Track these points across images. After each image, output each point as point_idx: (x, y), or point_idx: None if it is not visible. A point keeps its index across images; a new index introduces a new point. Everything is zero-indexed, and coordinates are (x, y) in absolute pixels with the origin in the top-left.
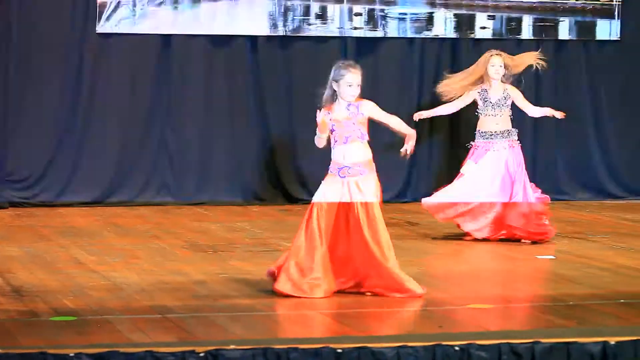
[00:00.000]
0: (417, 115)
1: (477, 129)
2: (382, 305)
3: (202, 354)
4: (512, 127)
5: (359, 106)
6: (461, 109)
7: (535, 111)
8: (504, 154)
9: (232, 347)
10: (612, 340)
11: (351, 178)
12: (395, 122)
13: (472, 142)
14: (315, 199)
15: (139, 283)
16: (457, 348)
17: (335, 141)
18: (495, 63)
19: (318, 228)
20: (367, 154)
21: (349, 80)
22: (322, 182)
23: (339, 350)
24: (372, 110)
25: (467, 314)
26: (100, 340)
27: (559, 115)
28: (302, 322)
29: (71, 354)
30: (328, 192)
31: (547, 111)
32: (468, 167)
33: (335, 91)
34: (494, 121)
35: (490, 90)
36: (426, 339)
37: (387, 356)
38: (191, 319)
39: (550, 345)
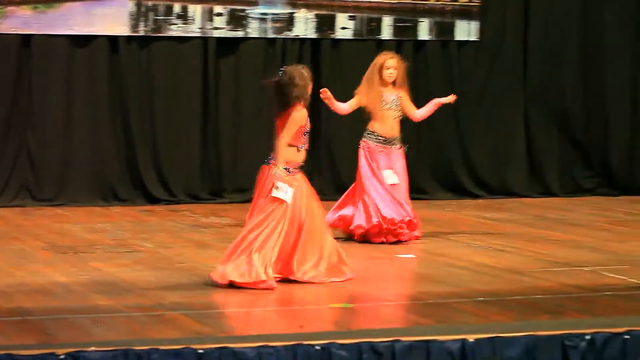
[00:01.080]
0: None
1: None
2: (242, 305)
3: (62, 356)
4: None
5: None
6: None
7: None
8: None
9: (92, 348)
10: (471, 338)
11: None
12: None
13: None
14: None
15: None
16: (318, 347)
17: (303, 144)
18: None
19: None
20: None
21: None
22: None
23: (200, 351)
24: None
25: (328, 313)
26: None
27: (448, 100)
28: (163, 323)
29: None
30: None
31: (435, 103)
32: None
33: (299, 95)
34: None
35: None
36: (287, 339)
37: (248, 356)
38: (51, 320)
39: (410, 343)
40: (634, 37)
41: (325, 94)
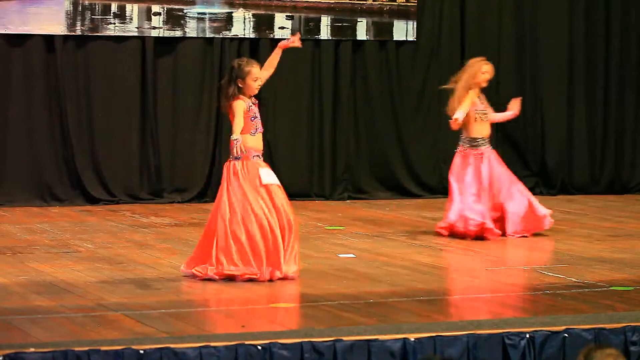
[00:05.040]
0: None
1: None
2: (183, 305)
3: (0, 358)
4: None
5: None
6: None
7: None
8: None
9: (31, 350)
10: (412, 337)
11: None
12: None
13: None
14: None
15: None
16: (259, 347)
17: (256, 129)
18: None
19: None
20: None
21: (255, 74)
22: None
23: (141, 352)
24: None
25: (270, 312)
26: None
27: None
28: (103, 324)
29: None
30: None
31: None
32: None
33: (240, 87)
34: None
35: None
36: (228, 339)
37: (189, 356)
38: None
39: (352, 343)
40: (568, 36)
41: None
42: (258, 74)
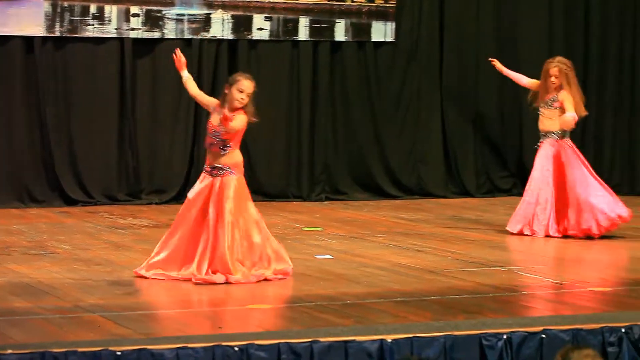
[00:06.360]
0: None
1: None
2: (161, 306)
3: None
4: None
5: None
6: None
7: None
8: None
9: (9, 351)
10: (389, 338)
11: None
12: None
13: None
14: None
15: None
16: (236, 349)
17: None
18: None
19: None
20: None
21: (242, 86)
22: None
23: (118, 353)
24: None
25: (247, 314)
26: None
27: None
28: (81, 325)
29: None
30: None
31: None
32: None
33: (225, 94)
34: None
35: None
36: (206, 340)
37: (166, 357)
38: None
39: (329, 344)
40: (547, 37)
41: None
42: (245, 87)
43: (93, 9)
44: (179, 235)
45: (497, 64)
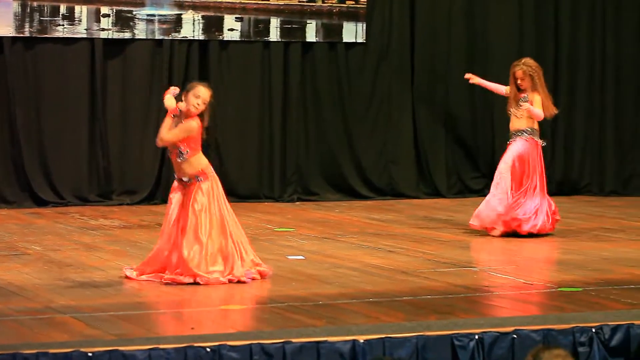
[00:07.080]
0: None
1: None
2: (132, 307)
3: None
4: None
5: None
6: None
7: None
8: None
9: None
10: (361, 339)
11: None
12: None
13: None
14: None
15: None
16: (208, 349)
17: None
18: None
19: None
20: None
21: (198, 92)
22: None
23: (90, 354)
24: None
25: (219, 314)
26: None
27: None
28: (52, 326)
29: None
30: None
31: None
32: None
33: (182, 100)
34: None
35: None
36: (178, 341)
37: (138, 358)
38: None
39: (301, 344)
40: (518, 36)
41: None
42: (202, 93)
43: (63, 9)
44: (158, 247)
45: (474, 79)
